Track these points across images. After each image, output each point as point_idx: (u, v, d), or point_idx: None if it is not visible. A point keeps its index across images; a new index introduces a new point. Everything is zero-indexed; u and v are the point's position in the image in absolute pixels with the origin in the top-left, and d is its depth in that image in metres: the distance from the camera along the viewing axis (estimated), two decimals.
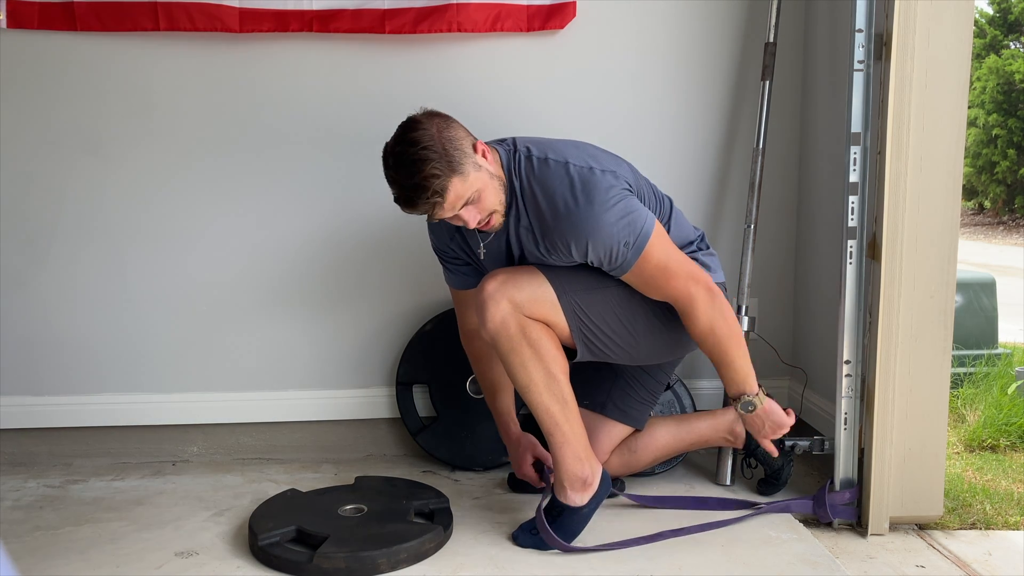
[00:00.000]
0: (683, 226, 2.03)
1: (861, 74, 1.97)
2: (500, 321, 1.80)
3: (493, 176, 1.79)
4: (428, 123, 1.74)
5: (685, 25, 2.44)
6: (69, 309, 2.40)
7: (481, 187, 1.75)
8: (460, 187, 1.72)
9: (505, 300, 1.80)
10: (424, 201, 1.71)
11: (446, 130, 1.74)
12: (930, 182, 1.96)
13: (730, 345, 1.86)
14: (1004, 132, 13.60)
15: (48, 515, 2.09)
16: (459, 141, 1.74)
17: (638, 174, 1.97)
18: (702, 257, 2.01)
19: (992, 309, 3.67)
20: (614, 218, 1.76)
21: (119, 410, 2.44)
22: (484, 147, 1.80)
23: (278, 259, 2.44)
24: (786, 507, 2.07)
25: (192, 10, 2.28)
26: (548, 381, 1.84)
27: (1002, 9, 14.81)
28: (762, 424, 1.94)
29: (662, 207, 1.99)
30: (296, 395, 2.49)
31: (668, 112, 2.48)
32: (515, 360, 1.83)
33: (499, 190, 1.80)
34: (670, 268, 1.82)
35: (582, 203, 1.76)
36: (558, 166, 1.80)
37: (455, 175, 1.71)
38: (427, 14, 2.33)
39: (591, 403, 2.11)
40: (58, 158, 2.36)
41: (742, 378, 1.89)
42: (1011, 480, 2.50)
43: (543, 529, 1.86)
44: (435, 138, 1.71)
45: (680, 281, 1.82)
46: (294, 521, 1.90)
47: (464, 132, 1.79)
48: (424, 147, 1.70)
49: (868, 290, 2.01)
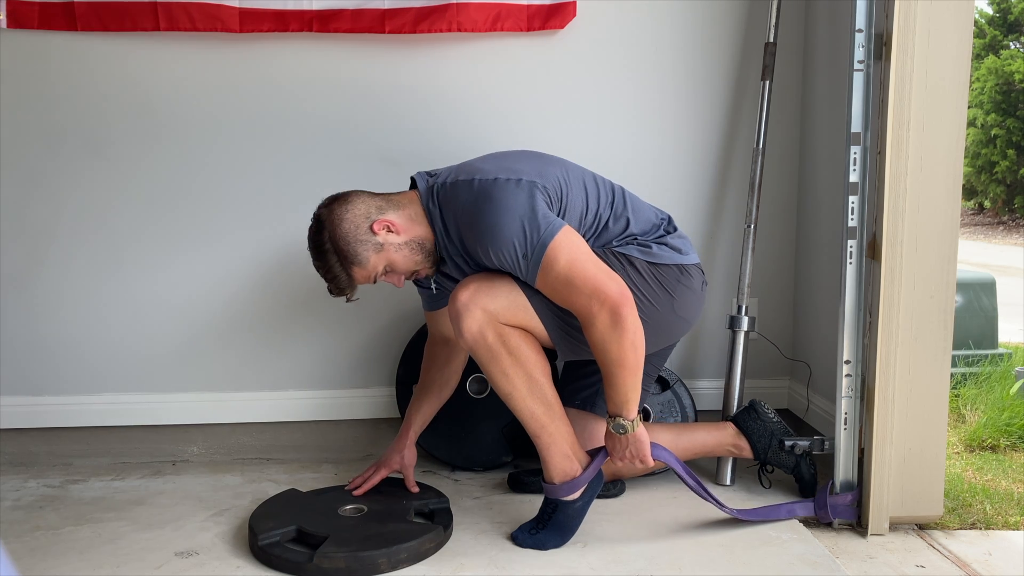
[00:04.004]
0: (642, 212, 2.01)
1: (861, 74, 1.97)
2: (477, 331, 1.81)
3: (402, 246, 1.90)
4: (326, 222, 1.89)
5: (685, 25, 2.44)
6: (69, 309, 2.40)
7: (388, 262, 1.90)
8: (361, 273, 1.90)
9: (479, 309, 1.81)
10: (337, 290, 1.92)
11: (340, 225, 1.87)
12: (930, 182, 1.96)
13: (618, 370, 1.79)
14: (1003, 132, 13.60)
15: (48, 515, 2.09)
16: (353, 232, 1.87)
17: (575, 172, 1.96)
18: (671, 240, 2.00)
19: (992, 309, 3.67)
20: (508, 222, 1.77)
21: (119, 410, 2.44)
22: (386, 223, 1.88)
23: (279, 259, 2.44)
24: (791, 511, 2.05)
25: (192, 10, 2.28)
26: (530, 386, 1.85)
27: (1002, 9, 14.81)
28: (624, 447, 1.87)
29: (611, 200, 1.97)
30: (296, 395, 2.49)
31: (668, 112, 2.48)
32: (495, 369, 1.84)
33: (413, 254, 1.91)
34: (573, 283, 1.76)
35: (478, 213, 1.81)
36: (465, 184, 1.86)
37: (354, 266, 1.88)
38: (427, 14, 2.33)
39: (581, 402, 2.11)
40: (58, 158, 2.36)
41: (622, 401, 1.82)
42: (1011, 480, 2.50)
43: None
44: (329, 239, 1.88)
45: (582, 299, 1.76)
46: (294, 521, 1.90)
47: (363, 214, 1.88)
48: (323, 252, 1.89)
49: (868, 290, 2.01)
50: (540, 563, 1.82)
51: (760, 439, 2.16)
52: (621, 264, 1.90)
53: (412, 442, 2.16)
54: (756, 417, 2.18)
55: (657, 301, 1.93)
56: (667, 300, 1.94)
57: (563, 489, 1.90)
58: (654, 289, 1.92)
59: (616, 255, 1.92)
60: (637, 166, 2.46)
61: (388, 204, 1.92)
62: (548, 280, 1.78)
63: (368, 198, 1.93)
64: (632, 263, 1.91)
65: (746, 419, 2.19)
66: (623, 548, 1.88)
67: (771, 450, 2.15)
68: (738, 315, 2.32)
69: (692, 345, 2.56)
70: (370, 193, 1.95)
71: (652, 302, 1.92)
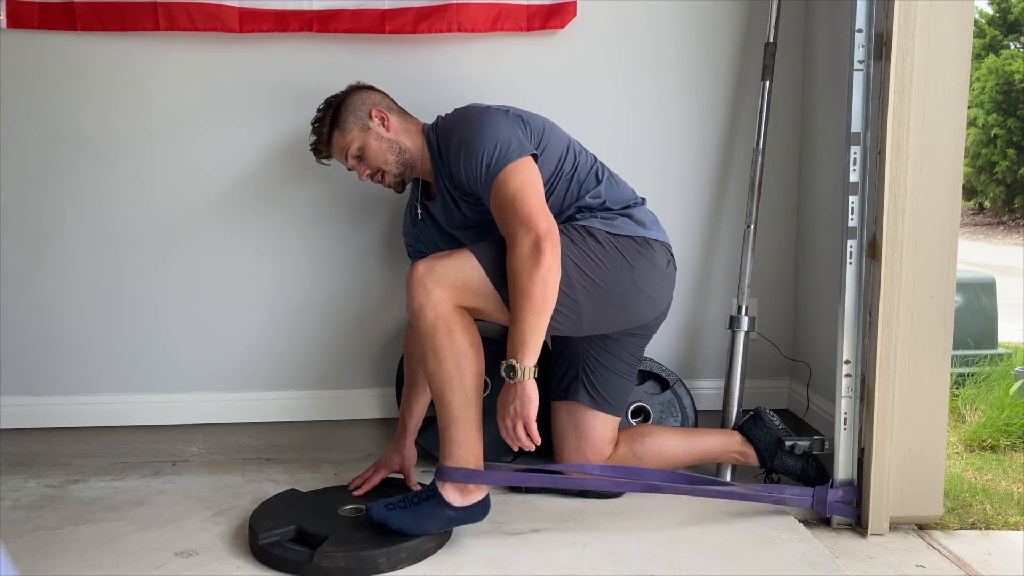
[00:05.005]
0: (618, 185, 2.07)
1: (861, 74, 1.97)
2: (419, 306, 1.84)
3: (383, 139, 2.03)
4: (349, 90, 2.08)
5: (685, 25, 2.44)
6: (69, 309, 2.40)
7: (363, 144, 2.03)
8: (340, 139, 2.04)
9: (432, 284, 1.83)
10: (315, 144, 2.07)
11: (352, 97, 2.05)
12: (930, 182, 1.96)
13: (524, 303, 1.78)
14: (1003, 132, 13.61)
15: (48, 515, 2.09)
16: (356, 105, 2.04)
17: (562, 132, 2.07)
18: (636, 212, 2.03)
19: (992, 309, 3.67)
20: (484, 136, 1.89)
21: (119, 410, 2.44)
22: (383, 115, 2.04)
23: (279, 259, 2.44)
24: (783, 497, 2.04)
25: (192, 10, 2.28)
26: (457, 375, 1.84)
27: (1002, 9, 14.82)
28: (510, 400, 1.82)
29: (591, 162, 2.06)
30: (296, 395, 2.49)
31: (668, 112, 2.48)
32: (428, 345, 1.86)
33: (387, 151, 2.04)
34: (515, 205, 1.82)
35: (463, 125, 1.95)
36: (461, 110, 2.03)
37: (336, 129, 2.04)
38: (427, 14, 2.33)
39: (564, 392, 2.13)
40: (58, 158, 2.36)
41: (520, 340, 1.79)
42: (1011, 480, 2.50)
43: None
44: (336, 101, 2.06)
45: (514, 223, 1.81)
46: (294, 521, 1.90)
47: (373, 100, 2.06)
48: (327, 106, 2.06)
49: (868, 290, 2.01)
50: (540, 563, 1.82)
51: (767, 447, 2.17)
52: (582, 236, 1.94)
53: (411, 441, 2.16)
54: (762, 425, 2.18)
55: (616, 268, 1.95)
56: (627, 269, 1.96)
57: (458, 472, 1.86)
58: (612, 256, 1.95)
59: (577, 228, 1.96)
60: (637, 166, 2.46)
61: (398, 110, 2.10)
62: (497, 196, 1.86)
63: (388, 99, 2.11)
64: (592, 234, 1.95)
65: (752, 427, 2.19)
66: (623, 548, 1.88)
67: (777, 457, 2.16)
68: (738, 315, 2.32)
69: (692, 345, 2.56)
70: (392, 99, 2.12)
71: (610, 268, 1.94)
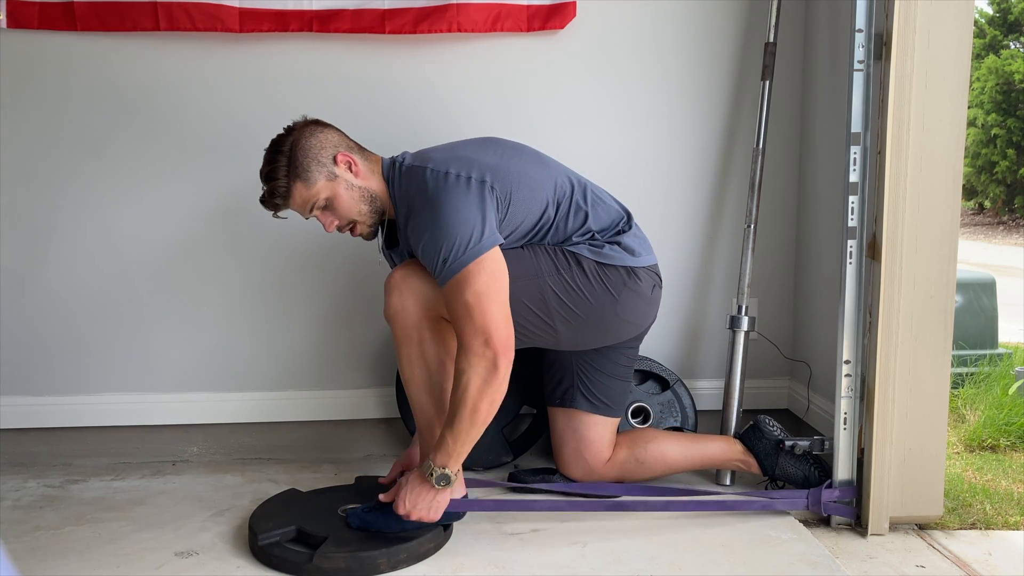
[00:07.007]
0: (603, 208, 2.01)
1: (861, 74, 1.97)
2: (394, 312, 1.86)
3: (354, 187, 1.87)
4: (296, 131, 1.87)
5: (685, 25, 2.44)
6: (69, 309, 2.41)
7: (332, 195, 1.86)
8: (302, 192, 1.85)
9: (407, 289, 1.84)
10: (269, 197, 1.86)
11: (308, 139, 1.85)
12: (930, 182, 1.96)
13: (467, 414, 1.75)
14: (1003, 132, 13.60)
15: (48, 515, 2.09)
16: (316, 150, 1.84)
17: (534, 165, 1.95)
18: (626, 240, 2.00)
19: (992, 309, 3.67)
20: (444, 225, 1.76)
21: (119, 410, 2.44)
22: (350, 159, 1.87)
23: (280, 259, 2.44)
24: (770, 504, 2.04)
25: (192, 10, 2.28)
26: (429, 381, 1.89)
27: (1002, 9, 14.81)
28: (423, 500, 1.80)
29: (570, 193, 1.96)
30: (296, 395, 2.49)
31: (668, 112, 2.48)
32: (403, 352, 1.90)
33: (360, 201, 1.88)
34: (472, 313, 1.74)
35: (423, 206, 1.81)
36: (419, 172, 1.85)
37: (298, 180, 1.84)
38: (427, 14, 2.33)
39: (560, 399, 2.13)
40: (58, 158, 2.36)
41: (456, 451, 1.78)
42: (1011, 480, 2.50)
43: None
44: (291, 146, 1.84)
45: (470, 327, 1.74)
46: (294, 521, 1.90)
47: (332, 142, 1.87)
48: (278, 153, 1.84)
49: (868, 290, 2.01)
50: (540, 563, 1.82)
51: (767, 457, 2.17)
52: (568, 263, 1.93)
53: None
54: (760, 436, 2.18)
55: (597, 300, 1.94)
56: (609, 302, 1.96)
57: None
58: (596, 289, 1.94)
59: (565, 253, 1.94)
60: (637, 166, 2.47)
61: (358, 149, 1.93)
62: (452, 298, 1.77)
63: (344, 136, 1.93)
64: (580, 262, 1.94)
65: (751, 437, 2.19)
66: (623, 548, 1.88)
67: (779, 466, 2.16)
68: (738, 315, 2.32)
69: (692, 345, 2.56)
70: (346, 134, 1.95)
71: (591, 300, 1.94)
